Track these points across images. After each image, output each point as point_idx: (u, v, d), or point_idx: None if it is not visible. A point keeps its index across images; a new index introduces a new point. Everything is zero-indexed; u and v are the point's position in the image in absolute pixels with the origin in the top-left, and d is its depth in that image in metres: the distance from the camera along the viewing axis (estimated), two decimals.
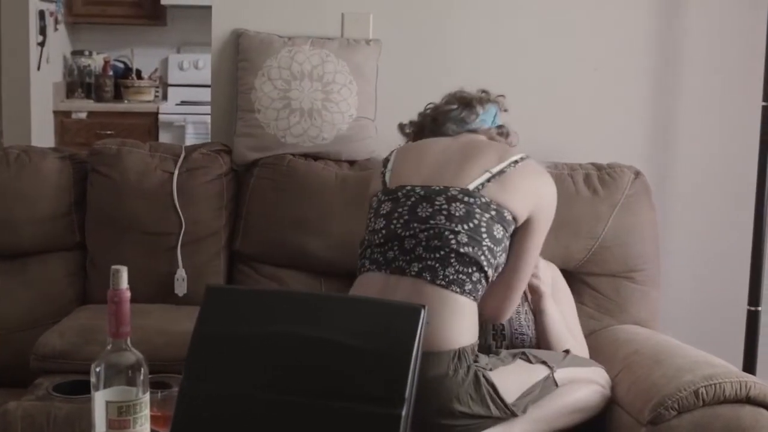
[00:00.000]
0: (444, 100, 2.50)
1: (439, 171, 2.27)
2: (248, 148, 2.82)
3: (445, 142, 2.38)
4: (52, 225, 2.74)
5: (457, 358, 2.09)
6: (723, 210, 3.11)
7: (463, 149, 2.32)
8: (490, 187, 2.21)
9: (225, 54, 2.98)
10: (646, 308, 2.76)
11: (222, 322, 1.43)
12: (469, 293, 2.15)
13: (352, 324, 1.38)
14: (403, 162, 2.35)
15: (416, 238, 2.16)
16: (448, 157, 2.30)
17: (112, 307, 1.44)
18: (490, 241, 2.17)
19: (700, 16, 3.06)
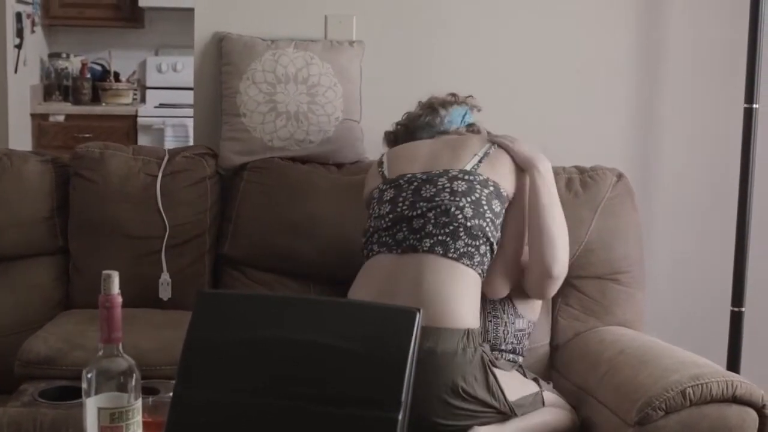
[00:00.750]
0: (414, 109, 2.63)
1: (434, 160, 2.39)
2: (234, 152, 2.81)
3: (428, 142, 2.51)
4: (35, 229, 2.71)
5: (466, 338, 2.16)
6: (706, 212, 3.13)
7: (448, 143, 2.47)
8: (483, 166, 2.36)
9: (207, 57, 2.96)
10: (631, 310, 2.77)
11: (214, 327, 1.42)
12: (477, 266, 2.25)
13: (346, 328, 1.38)
14: (397, 159, 2.46)
15: (425, 217, 2.27)
16: (437, 151, 2.43)
17: (103, 313, 1.43)
18: (491, 214, 2.30)
19: (682, 19, 3.09)
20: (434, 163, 2.39)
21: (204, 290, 1.63)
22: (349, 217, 2.62)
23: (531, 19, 3.05)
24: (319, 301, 1.54)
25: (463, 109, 2.59)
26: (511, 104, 3.03)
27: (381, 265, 2.29)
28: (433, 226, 2.25)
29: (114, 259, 2.65)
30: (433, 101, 2.60)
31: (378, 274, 2.28)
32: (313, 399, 1.35)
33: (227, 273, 2.79)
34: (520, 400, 2.25)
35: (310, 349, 1.37)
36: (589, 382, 2.48)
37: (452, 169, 2.35)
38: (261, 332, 1.39)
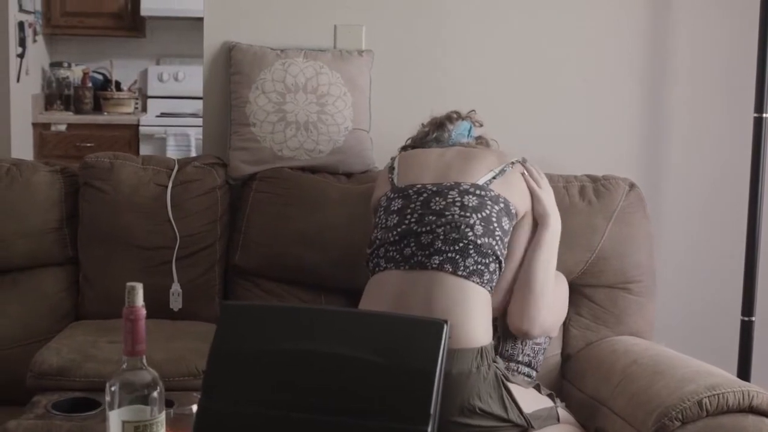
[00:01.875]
0: (418, 130, 2.61)
1: (446, 171, 2.36)
2: (244, 162, 2.80)
3: (440, 150, 2.48)
4: (44, 239, 2.70)
5: (480, 356, 2.13)
6: (716, 221, 3.13)
7: (460, 152, 2.44)
8: (496, 183, 2.32)
9: (217, 67, 2.95)
10: (642, 319, 2.76)
11: (239, 340, 1.41)
12: (486, 283, 2.22)
13: (373, 340, 1.37)
14: (408, 166, 2.43)
15: (433, 233, 2.22)
16: (449, 161, 2.40)
17: (127, 325, 1.41)
18: (501, 232, 2.27)
19: (691, 28, 3.09)
20: (445, 173, 2.36)
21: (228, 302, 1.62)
22: (359, 227, 2.60)
23: (540, 28, 3.05)
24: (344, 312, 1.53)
25: (467, 124, 2.59)
26: (520, 112, 3.03)
27: (389, 282, 2.23)
28: (443, 242, 2.20)
29: (124, 269, 2.65)
30: (437, 117, 2.60)
31: (387, 292, 2.22)
32: (339, 412, 1.34)
33: (238, 283, 2.78)
34: (536, 412, 2.24)
35: (336, 361, 1.36)
36: (601, 392, 2.47)
37: (464, 182, 2.31)
38: (286, 344, 1.38)
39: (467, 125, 2.58)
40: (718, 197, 3.12)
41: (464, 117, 2.59)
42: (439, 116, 2.60)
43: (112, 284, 2.66)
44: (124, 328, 1.42)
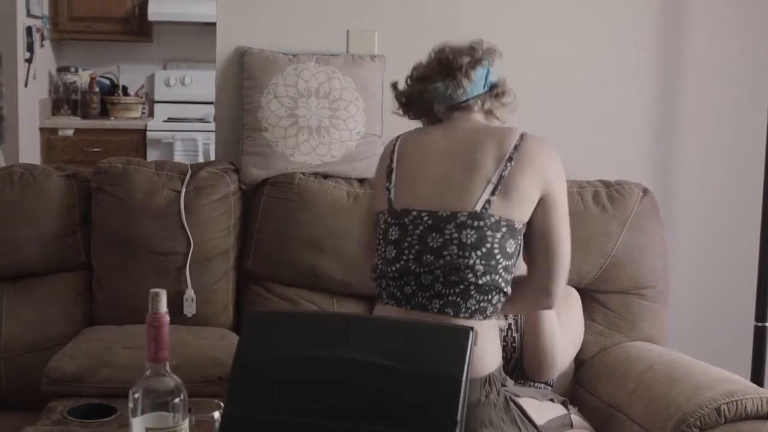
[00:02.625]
0: (428, 63, 2.26)
1: (441, 192, 2.13)
2: (256, 166, 2.79)
3: (440, 146, 2.20)
4: (57, 245, 2.69)
5: (488, 384, 2.06)
6: (728, 226, 3.12)
7: (460, 156, 2.16)
8: (496, 202, 2.08)
9: (229, 72, 2.95)
10: (656, 325, 2.76)
11: (263, 347, 1.40)
12: (491, 315, 2.11)
13: (399, 346, 1.36)
14: (404, 180, 2.20)
15: (433, 274, 2.07)
16: (448, 171, 2.15)
17: (151, 332, 1.41)
18: (505, 259, 2.10)
19: (704, 34, 3.08)
20: (440, 197, 2.12)
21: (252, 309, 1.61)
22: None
23: (552, 33, 3.05)
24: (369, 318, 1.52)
25: (484, 70, 2.24)
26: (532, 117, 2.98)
27: None
28: (443, 285, 2.06)
29: (137, 275, 2.65)
30: (451, 61, 2.21)
31: None
32: (365, 419, 1.33)
33: (249, 289, 2.77)
34: (550, 422, 2.23)
35: (361, 368, 1.35)
36: (617, 398, 2.47)
37: (461, 211, 2.08)
38: (311, 351, 1.38)
39: (483, 73, 2.23)
40: (730, 202, 3.12)
41: (479, 58, 2.23)
42: (453, 57, 2.21)
43: (126, 290, 2.66)
44: (148, 335, 1.41)
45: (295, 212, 2.71)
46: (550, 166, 2.17)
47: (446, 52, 2.24)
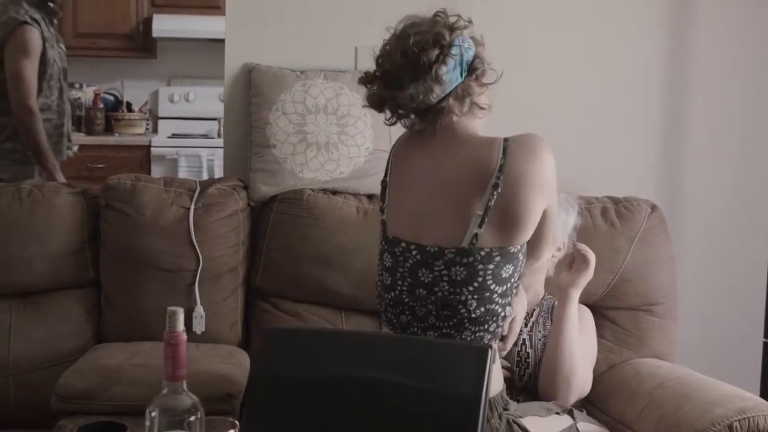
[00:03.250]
0: (392, 57, 2.02)
1: (427, 225, 2.03)
2: (265, 183, 2.79)
3: (422, 170, 2.08)
4: (66, 261, 2.69)
5: (489, 409, 2.01)
6: (737, 242, 3.12)
7: (442, 186, 2.04)
8: (484, 234, 1.97)
9: (237, 89, 2.95)
10: (665, 341, 2.76)
11: (281, 365, 1.40)
12: (490, 340, 2.04)
13: (417, 365, 1.36)
14: (392, 204, 2.13)
15: (426, 307, 2.01)
16: (429, 202, 2.05)
17: (168, 350, 1.41)
18: (500, 286, 2.02)
19: (712, 49, 3.09)
20: (427, 227, 2.03)
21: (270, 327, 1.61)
22: None
23: (559, 49, 3.06)
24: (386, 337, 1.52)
25: (457, 57, 1.99)
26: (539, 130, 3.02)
27: None
28: (436, 318, 1.99)
29: (146, 291, 2.65)
30: (419, 57, 1.96)
31: None
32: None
33: (257, 305, 2.77)
34: None
35: (380, 387, 1.35)
36: (627, 415, 2.46)
37: (448, 248, 1.99)
38: (329, 370, 1.38)
39: (457, 60, 1.99)
40: (738, 218, 3.12)
41: (450, 43, 1.98)
42: (416, 47, 1.96)
43: (134, 307, 2.66)
44: (165, 353, 1.41)
45: (305, 228, 2.71)
46: (543, 174, 2.02)
47: (411, 43, 1.98)
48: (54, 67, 3.88)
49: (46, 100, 3.85)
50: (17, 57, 3.76)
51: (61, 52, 4.00)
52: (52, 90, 3.89)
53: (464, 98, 2.03)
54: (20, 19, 3.79)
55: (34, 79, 3.77)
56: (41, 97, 3.82)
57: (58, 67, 3.91)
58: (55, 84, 3.90)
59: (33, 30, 3.77)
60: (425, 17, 2.04)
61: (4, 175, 3.76)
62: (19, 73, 3.75)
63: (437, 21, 2.02)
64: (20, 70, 3.75)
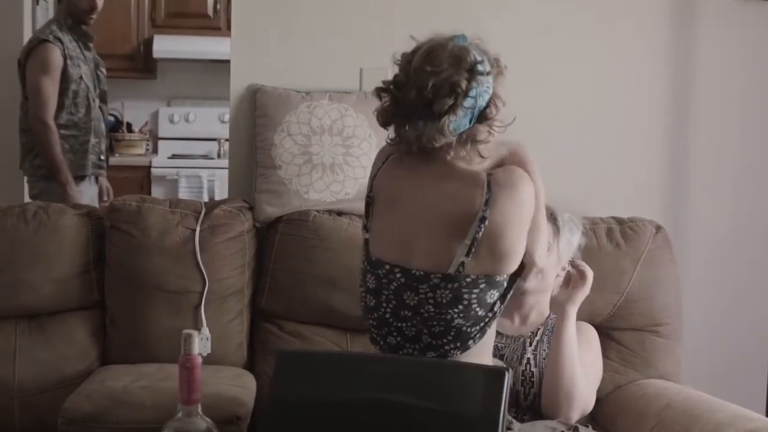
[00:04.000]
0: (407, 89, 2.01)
1: (412, 249, 2.04)
2: (270, 204, 2.79)
3: (410, 195, 2.08)
4: (71, 283, 2.68)
5: None
6: (742, 262, 3.13)
7: (430, 214, 2.05)
8: (471, 263, 1.99)
9: (242, 109, 2.96)
10: (671, 362, 2.76)
11: (297, 388, 1.39)
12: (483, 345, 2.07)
13: (434, 387, 1.35)
14: (377, 226, 2.13)
15: (416, 327, 2.03)
16: (417, 227, 2.06)
17: (183, 373, 1.40)
18: (483, 309, 2.04)
19: (716, 70, 3.11)
20: (413, 252, 2.05)
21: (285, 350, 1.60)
22: None
23: (563, 70, 3.07)
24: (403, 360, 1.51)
25: (471, 102, 1.97)
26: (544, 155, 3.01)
27: None
28: (429, 335, 2.00)
29: (152, 313, 2.65)
30: (432, 102, 1.95)
31: None
32: None
33: (261, 326, 2.76)
34: None
35: (396, 410, 1.35)
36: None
37: (434, 272, 2.01)
38: (344, 392, 1.37)
39: (470, 104, 1.97)
40: (743, 237, 3.12)
41: (466, 91, 1.95)
42: (431, 93, 1.94)
43: (140, 328, 2.66)
44: (180, 377, 1.40)
45: (311, 250, 2.71)
46: (524, 213, 2.04)
47: (427, 86, 1.95)
48: (81, 84, 4.04)
49: (72, 117, 4.03)
50: (36, 73, 3.96)
51: (92, 72, 4.18)
52: (79, 107, 4.05)
53: (467, 143, 2.02)
54: (41, 37, 4.01)
55: (52, 95, 3.96)
56: (65, 114, 4.01)
57: (85, 85, 4.07)
58: (82, 102, 4.06)
59: (53, 47, 3.96)
60: (450, 46, 2.00)
61: (34, 191, 4.04)
62: (36, 89, 3.95)
63: (460, 60, 1.98)
64: (38, 86, 3.94)
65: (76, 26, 4.13)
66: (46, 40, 3.98)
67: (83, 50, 4.13)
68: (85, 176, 4.09)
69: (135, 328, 2.66)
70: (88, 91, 4.08)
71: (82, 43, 4.14)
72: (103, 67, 4.32)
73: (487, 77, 2.00)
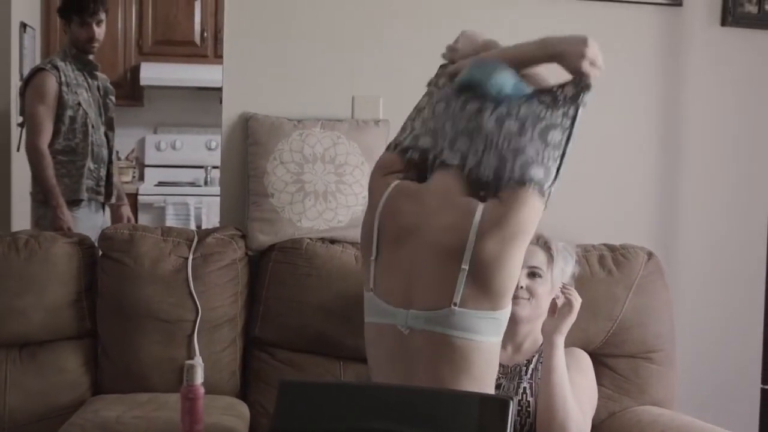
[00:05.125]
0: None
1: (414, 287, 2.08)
2: (263, 232, 2.78)
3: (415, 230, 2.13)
4: (63, 312, 2.66)
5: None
6: (733, 288, 3.14)
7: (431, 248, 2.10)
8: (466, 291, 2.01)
9: (234, 137, 2.95)
10: (664, 388, 2.75)
11: (299, 419, 1.39)
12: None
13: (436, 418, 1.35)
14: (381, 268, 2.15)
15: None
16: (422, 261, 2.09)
17: (186, 404, 1.39)
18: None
19: (706, 98, 3.14)
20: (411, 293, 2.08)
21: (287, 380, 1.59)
22: None
23: None
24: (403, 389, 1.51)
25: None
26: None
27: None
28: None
29: (144, 342, 2.63)
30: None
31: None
32: None
33: (254, 354, 2.75)
34: None
35: None
36: None
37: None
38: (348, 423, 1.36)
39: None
40: (735, 266, 3.14)
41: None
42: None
43: (132, 358, 2.64)
44: (183, 408, 1.39)
45: (304, 278, 2.70)
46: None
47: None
48: (79, 111, 4.15)
49: (69, 143, 4.15)
50: (31, 100, 4.15)
51: (96, 99, 4.31)
52: (76, 133, 4.17)
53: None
54: (40, 66, 4.19)
55: (45, 121, 4.09)
56: (61, 139, 4.13)
57: (84, 111, 4.17)
58: (79, 128, 4.17)
59: (48, 75, 4.11)
60: None
61: (35, 216, 4.22)
62: (31, 115, 4.12)
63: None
64: (32, 112, 4.12)
65: (80, 55, 4.24)
66: (42, 68, 4.12)
67: (87, 78, 4.25)
68: (81, 200, 4.15)
69: (127, 358, 2.64)
70: (86, 118, 4.17)
71: (87, 72, 4.26)
72: (112, 95, 4.45)
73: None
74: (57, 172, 4.08)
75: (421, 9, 3.02)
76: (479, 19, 3.02)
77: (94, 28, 4.25)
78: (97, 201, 4.29)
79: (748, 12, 3.14)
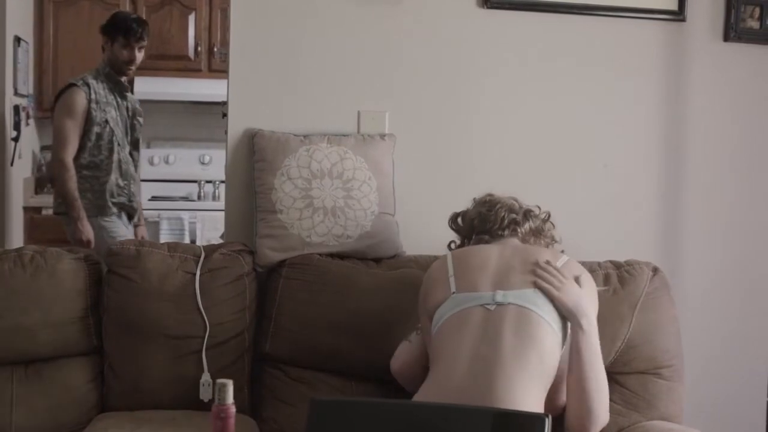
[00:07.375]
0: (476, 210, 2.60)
1: (500, 276, 2.36)
2: (272, 249, 2.77)
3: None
4: (69, 329, 2.63)
5: None
6: (739, 302, 3.15)
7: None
8: None
9: (239, 153, 2.94)
10: (672, 403, 2.75)
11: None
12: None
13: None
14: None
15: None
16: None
17: (217, 425, 1.38)
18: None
19: (709, 113, 3.14)
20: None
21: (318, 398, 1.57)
22: (395, 313, 2.59)
23: (560, 114, 3.09)
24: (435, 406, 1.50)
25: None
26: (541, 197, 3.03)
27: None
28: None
29: (152, 359, 2.61)
30: (502, 214, 2.59)
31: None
32: None
33: (265, 371, 2.73)
34: None
35: None
36: None
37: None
38: None
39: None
40: (739, 277, 3.14)
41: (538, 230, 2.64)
42: (504, 210, 2.61)
43: (139, 375, 2.62)
44: (214, 427, 1.38)
45: (316, 294, 2.69)
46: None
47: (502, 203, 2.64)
48: (106, 128, 4.29)
49: (94, 159, 4.28)
50: (59, 115, 4.28)
51: (125, 119, 4.44)
52: (102, 149, 4.30)
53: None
54: (71, 81, 4.31)
55: (72, 135, 4.23)
56: (87, 154, 4.27)
57: (110, 129, 4.30)
58: (105, 144, 4.30)
59: (78, 90, 4.25)
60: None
61: (64, 227, 4.28)
62: (58, 129, 4.26)
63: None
64: (59, 126, 4.25)
65: (113, 75, 4.37)
66: (74, 84, 4.25)
67: (117, 98, 4.38)
68: (110, 210, 4.28)
69: (134, 374, 2.62)
70: (113, 135, 4.30)
71: (117, 92, 4.38)
72: (140, 116, 4.58)
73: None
74: (81, 186, 4.20)
75: (425, 25, 3.02)
76: (483, 36, 3.03)
77: (135, 52, 4.39)
78: (129, 215, 4.45)
79: (750, 27, 3.16)
